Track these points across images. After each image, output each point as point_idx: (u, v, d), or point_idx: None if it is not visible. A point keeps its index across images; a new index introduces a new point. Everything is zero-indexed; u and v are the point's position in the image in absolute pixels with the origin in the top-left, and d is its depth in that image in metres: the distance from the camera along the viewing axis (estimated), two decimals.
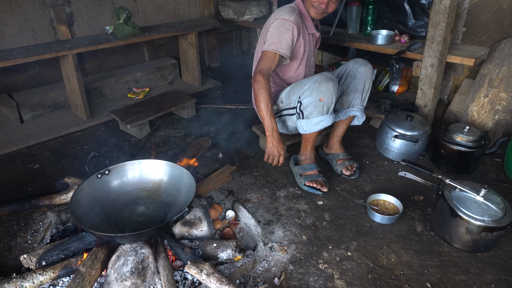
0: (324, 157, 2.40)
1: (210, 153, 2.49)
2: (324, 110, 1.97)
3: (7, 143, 2.55)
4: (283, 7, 2.10)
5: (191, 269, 1.43)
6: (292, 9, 2.06)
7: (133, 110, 2.79)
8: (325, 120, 1.99)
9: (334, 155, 2.31)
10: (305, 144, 2.18)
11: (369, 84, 2.17)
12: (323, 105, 1.94)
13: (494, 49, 2.57)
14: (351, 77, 2.17)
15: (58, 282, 1.49)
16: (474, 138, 2.16)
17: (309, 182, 2.09)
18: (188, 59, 3.49)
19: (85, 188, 1.64)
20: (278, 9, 2.11)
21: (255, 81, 1.94)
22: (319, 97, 1.93)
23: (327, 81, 1.92)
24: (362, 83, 2.15)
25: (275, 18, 2.03)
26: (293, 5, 2.13)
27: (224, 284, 1.39)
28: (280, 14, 2.02)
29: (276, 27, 1.99)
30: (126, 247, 1.47)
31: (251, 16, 3.73)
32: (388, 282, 1.57)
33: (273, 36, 1.99)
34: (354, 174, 2.23)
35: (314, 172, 2.14)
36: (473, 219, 1.63)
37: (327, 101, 1.93)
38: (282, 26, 1.99)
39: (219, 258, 1.56)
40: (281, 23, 1.99)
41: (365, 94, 2.18)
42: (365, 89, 2.17)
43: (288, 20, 1.98)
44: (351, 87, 2.17)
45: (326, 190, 2.08)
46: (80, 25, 3.07)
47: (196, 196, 1.71)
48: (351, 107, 2.19)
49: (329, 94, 1.92)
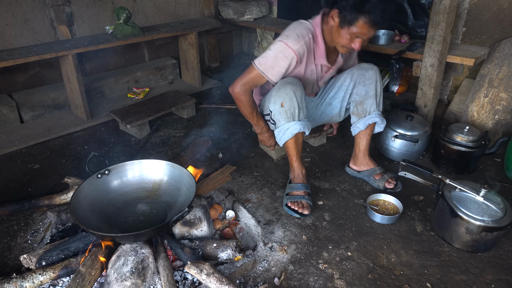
0: (356, 176, 2.22)
1: (210, 153, 2.49)
2: (289, 116, 1.87)
3: (7, 143, 2.55)
4: (298, 26, 1.90)
5: (191, 269, 1.43)
6: (304, 34, 1.85)
7: (133, 110, 2.79)
8: (292, 127, 1.88)
9: (370, 171, 2.16)
10: (289, 158, 2.04)
11: (380, 87, 2.04)
12: (285, 111, 1.86)
13: (494, 49, 2.57)
14: (360, 84, 2.04)
15: (58, 282, 1.49)
16: (474, 138, 2.16)
17: (291, 203, 1.94)
18: (188, 59, 3.49)
19: (85, 188, 1.64)
20: (293, 26, 1.92)
21: (234, 94, 1.96)
22: (280, 102, 1.85)
23: (285, 85, 1.83)
24: (374, 88, 2.02)
25: (282, 37, 1.86)
26: (309, 25, 1.90)
27: (224, 284, 1.39)
28: (287, 36, 1.85)
29: (276, 49, 1.84)
30: (126, 247, 1.47)
31: (251, 16, 3.73)
32: (388, 282, 1.57)
33: (268, 57, 1.86)
34: (397, 186, 2.10)
35: (300, 193, 1.97)
36: (473, 219, 1.63)
37: (288, 106, 1.84)
38: (281, 52, 1.83)
39: (219, 258, 1.56)
40: (282, 48, 1.83)
41: (379, 98, 2.05)
42: (378, 93, 2.04)
43: (290, 48, 1.82)
44: (362, 94, 2.04)
45: (306, 213, 1.90)
46: (80, 25, 3.07)
47: (196, 196, 1.71)
48: (368, 114, 2.06)
49: (288, 98, 1.83)
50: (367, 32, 1.74)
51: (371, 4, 1.67)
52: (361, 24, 1.72)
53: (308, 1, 3.60)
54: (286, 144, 1.98)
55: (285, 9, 3.86)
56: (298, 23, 1.93)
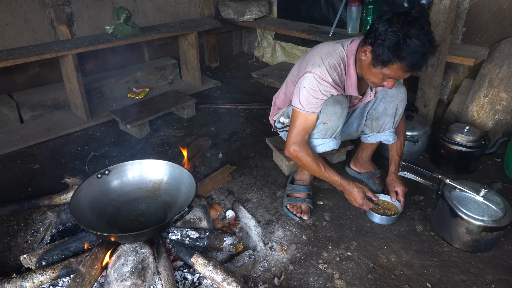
0: (356, 177, 2.21)
1: (210, 153, 2.49)
2: (327, 134, 1.77)
3: (7, 143, 2.55)
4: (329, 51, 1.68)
5: (199, 258, 1.43)
6: (337, 63, 1.66)
7: (133, 110, 2.79)
8: (326, 144, 1.79)
9: (370, 174, 2.16)
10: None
11: (402, 107, 1.87)
12: (327, 128, 1.74)
13: (494, 49, 2.57)
14: (381, 100, 1.86)
15: (58, 282, 1.49)
16: (474, 138, 2.16)
17: (290, 205, 1.94)
18: (188, 59, 3.49)
19: (85, 188, 1.64)
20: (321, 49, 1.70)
21: (291, 154, 1.74)
22: (324, 119, 1.71)
23: (335, 104, 1.67)
24: (394, 107, 1.84)
25: (313, 67, 1.64)
26: (343, 53, 1.67)
27: (230, 276, 1.41)
28: (319, 64, 1.64)
29: (310, 87, 1.64)
30: (126, 247, 1.47)
31: (251, 16, 3.73)
32: (388, 282, 1.57)
33: (304, 97, 1.66)
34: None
35: (302, 195, 1.96)
36: (473, 219, 1.63)
37: (332, 125, 1.72)
38: (317, 86, 1.64)
39: (223, 248, 1.58)
40: (317, 83, 1.63)
41: (397, 117, 1.90)
42: (398, 113, 1.88)
43: (325, 80, 1.63)
44: (380, 111, 1.88)
45: (306, 218, 1.88)
46: (80, 25, 3.07)
47: (196, 196, 1.71)
48: (381, 131, 1.93)
49: (335, 117, 1.69)
50: (402, 75, 1.53)
51: (410, 49, 1.42)
52: (396, 68, 1.50)
53: (308, 1, 3.60)
54: None
55: (285, 9, 3.86)
56: (329, 47, 1.70)
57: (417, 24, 1.43)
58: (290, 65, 3.90)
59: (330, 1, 3.44)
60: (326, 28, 3.32)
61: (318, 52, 1.70)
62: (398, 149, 1.97)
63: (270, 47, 4.20)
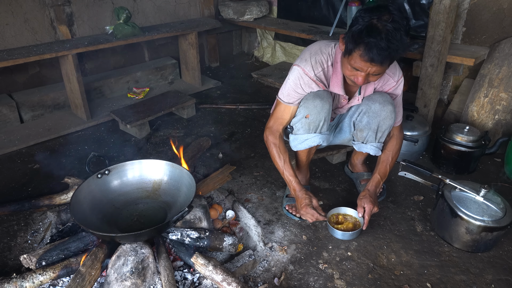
0: (349, 175, 2.25)
1: (210, 153, 2.49)
2: (311, 128, 1.76)
3: (7, 143, 2.55)
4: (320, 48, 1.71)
5: (199, 258, 1.43)
6: (324, 59, 1.68)
7: (133, 110, 2.79)
8: (311, 139, 1.78)
9: (358, 175, 2.17)
10: (298, 162, 2.02)
11: (386, 125, 1.78)
12: (309, 122, 1.74)
13: (494, 49, 2.57)
14: (365, 114, 1.81)
15: (58, 282, 1.49)
16: (474, 138, 2.16)
17: (288, 206, 1.94)
18: (188, 59, 3.49)
19: (85, 188, 1.64)
20: (314, 46, 1.73)
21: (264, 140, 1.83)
22: (305, 113, 1.73)
23: (315, 98, 1.69)
24: (376, 123, 1.78)
25: (300, 61, 1.70)
26: (333, 51, 1.69)
27: (230, 276, 1.41)
28: (306, 59, 1.69)
29: (292, 79, 1.71)
30: (126, 247, 1.47)
31: (251, 16, 3.73)
32: (388, 282, 1.57)
33: (286, 88, 1.74)
34: (382, 195, 2.05)
35: None
36: (473, 219, 1.63)
37: (313, 119, 1.72)
38: (298, 80, 1.70)
39: (223, 248, 1.58)
40: (299, 77, 1.69)
41: (380, 134, 1.82)
42: (381, 129, 1.80)
43: (307, 75, 1.68)
44: (363, 124, 1.82)
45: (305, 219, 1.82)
46: (80, 25, 3.07)
47: (196, 196, 1.71)
48: (365, 142, 1.87)
49: (315, 111, 1.70)
50: (364, 66, 1.49)
51: (370, 37, 1.41)
52: (356, 57, 1.48)
53: (308, 1, 3.60)
54: (300, 151, 1.92)
55: (285, 9, 3.86)
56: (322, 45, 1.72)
57: (386, 14, 1.42)
58: (290, 65, 3.89)
59: (330, 1, 3.44)
60: (326, 28, 3.33)
61: (310, 48, 1.74)
62: (382, 168, 1.87)
63: (270, 47, 4.20)
